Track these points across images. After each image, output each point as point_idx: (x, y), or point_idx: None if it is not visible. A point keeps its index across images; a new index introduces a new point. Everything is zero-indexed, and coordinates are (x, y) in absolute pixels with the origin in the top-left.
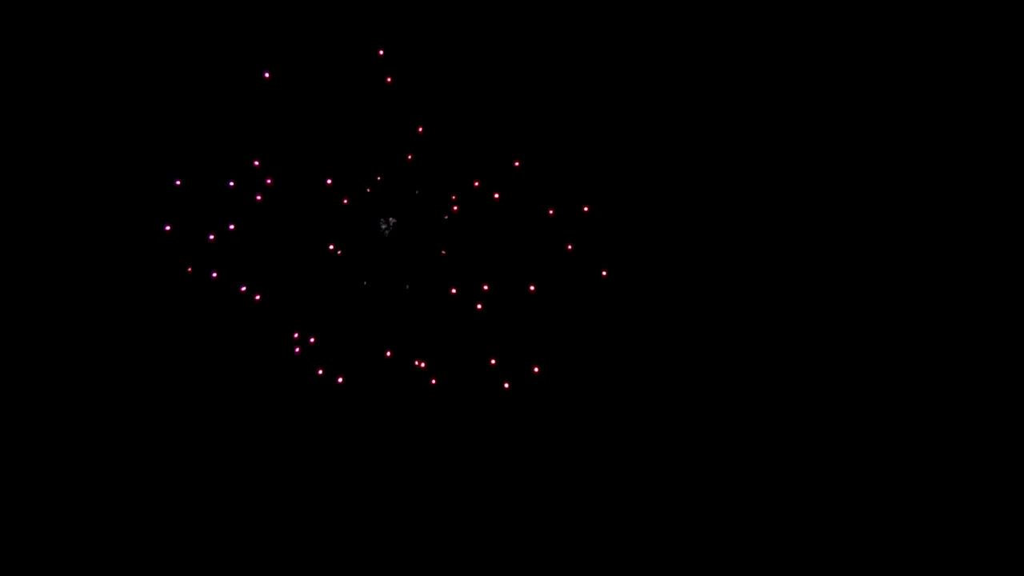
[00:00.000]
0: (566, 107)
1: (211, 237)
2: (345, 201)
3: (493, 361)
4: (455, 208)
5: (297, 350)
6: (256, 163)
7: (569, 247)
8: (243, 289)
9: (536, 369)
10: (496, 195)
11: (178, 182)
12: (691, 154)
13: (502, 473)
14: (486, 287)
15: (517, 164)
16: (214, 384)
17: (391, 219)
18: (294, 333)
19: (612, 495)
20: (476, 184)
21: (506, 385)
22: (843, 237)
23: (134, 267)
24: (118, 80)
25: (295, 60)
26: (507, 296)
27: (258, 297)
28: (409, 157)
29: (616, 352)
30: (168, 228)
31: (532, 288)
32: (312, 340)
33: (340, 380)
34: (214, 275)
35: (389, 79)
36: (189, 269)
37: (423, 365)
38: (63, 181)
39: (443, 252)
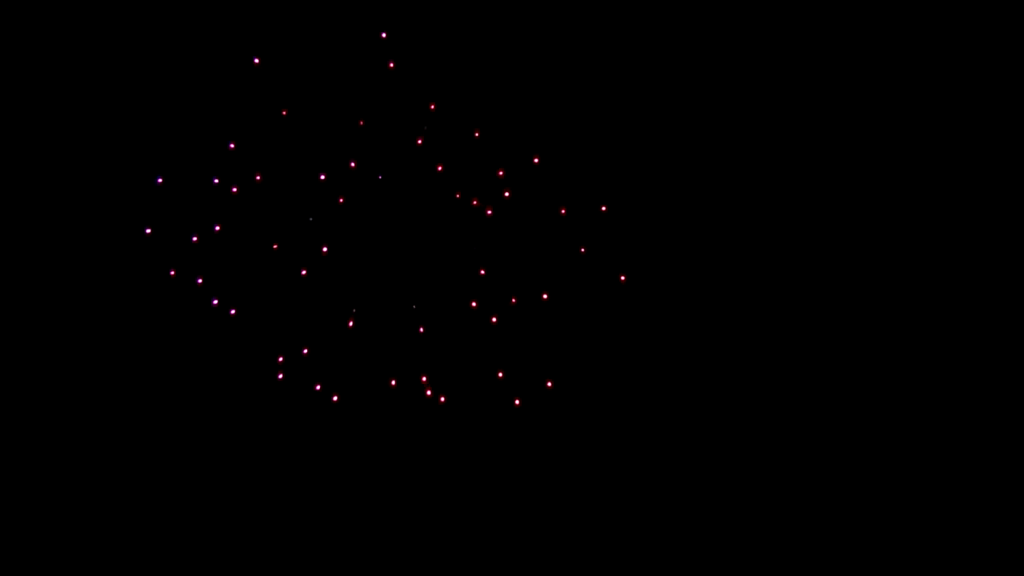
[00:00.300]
0: (580, 93)
1: (195, 239)
2: (340, 200)
3: (500, 374)
4: (464, 205)
5: (280, 376)
6: (244, 157)
7: (582, 250)
8: (229, 297)
9: (549, 384)
10: (507, 193)
11: (160, 180)
12: (718, 150)
13: (513, 501)
14: (495, 294)
15: (537, 160)
16: (195, 403)
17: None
18: (279, 357)
19: (631, 525)
20: (501, 174)
21: (517, 402)
22: (880, 244)
23: (111, 272)
24: (90, 70)
25: (286, 44)
26: (517, 303)
27: (233, 312)
28: (419, 142)
29: (638, 365)
30: (149, 231)
31: (545, 296)
32: (305, 351)
33: (335, 399)
34: (199, 281)
35: (392, 64)
36: (172, 273)
37: (424, 379)
38: (34, 180)
39: (446, 255)
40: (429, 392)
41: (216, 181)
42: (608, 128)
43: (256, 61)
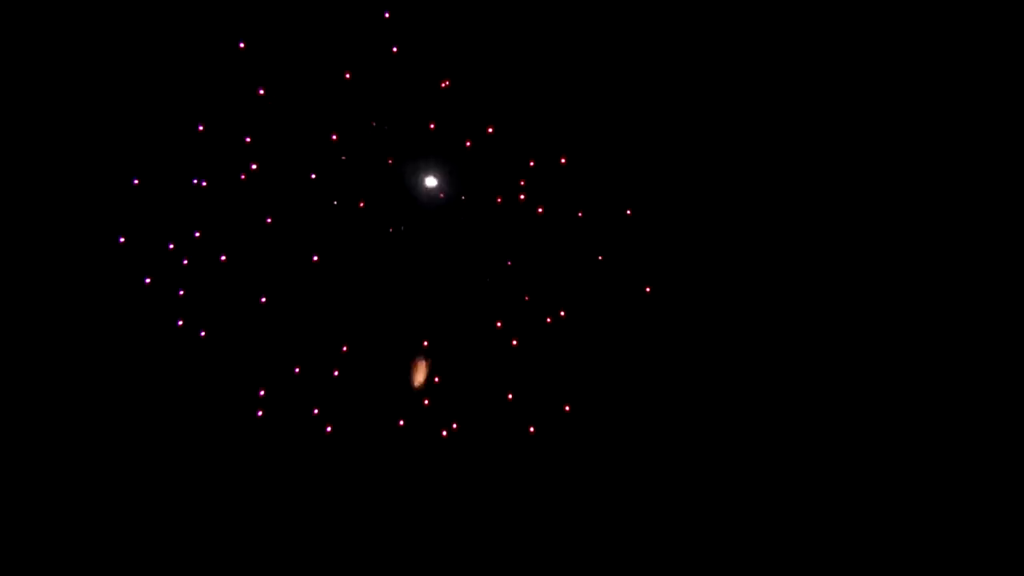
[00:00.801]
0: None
1: (171, 246)
2: (335, 202)
3: (510, 396)
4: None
5: (260, 413)
6: (229, 153)
7: (600, 258)
8: (212, 311)
9: (567, 408)
10: (522, 196)
11: (136, 181)
12: (750, 155)
13: (528, 540)
14: (506, 308)
15: (564, 161)
16: (172, 428)
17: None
18: (265, 381)
19: (655, 561)
20: (532, 163)
21: (531, 429)
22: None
23: (83, 281)
24: (61, 65)
25: (275, 26)
26: (531, 317)
27: (203, 333)
28: (431, 126)
29: (665, 387)
30: (123, 240)
31: (563, 313)
32: (297, 370)
33: (328, 430)
34: (181, 293)
35: (395, 49)
36: (147, 281)
37: (427, 402)
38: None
39: (453, 263)
40: (445, 433)
41: (195, 181)
42: (627, 126)
43: (241, 46)
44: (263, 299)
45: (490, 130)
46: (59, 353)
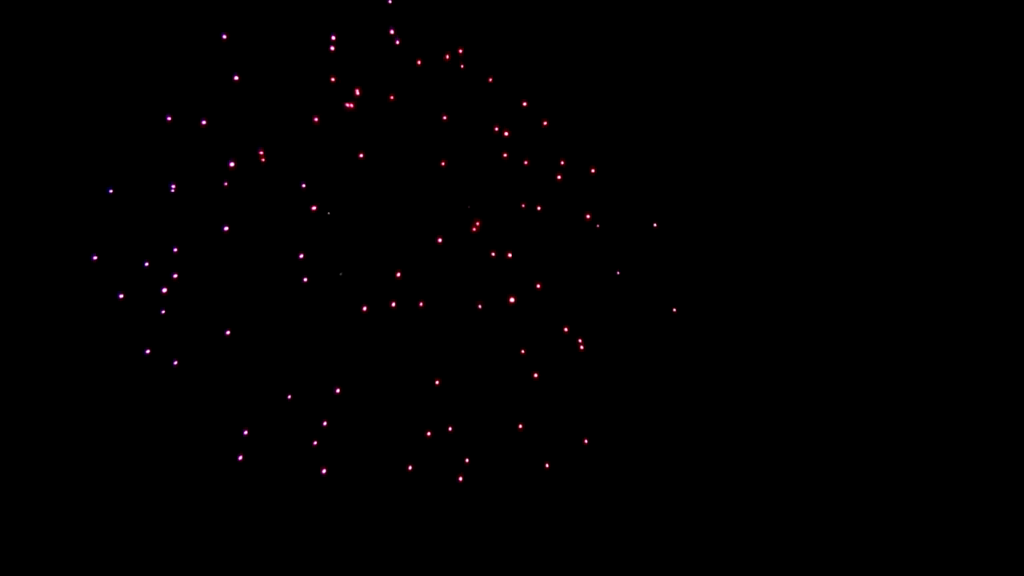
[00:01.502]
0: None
1: (146, 264)
2: (329, 212)
3: (520, 426)
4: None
5: (241, 457)
6: (213, 154)
7: (618, 272)
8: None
9: (586, 441)
10: (539, 207)
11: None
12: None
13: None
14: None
15: (593, 171)
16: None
17: None
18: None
19: None
20: (559, 178)
21: (547, 465)
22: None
23: (56, 298)
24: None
25: (264, 16)
26: (546, 341)
27: (176, 363)
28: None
29: (690, 417)
30: (96, 258)
31: (581, 344)
32: (289, 397)
33: (324, 472)
34: (163, 312)
35: (398, 42)
36: (121, 296)
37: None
38: None
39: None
40: (461, 478)
41: (173, 188)
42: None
43: (224, 37)
44: (251, 320)
45: (507, 133)
46: (25, 382)
